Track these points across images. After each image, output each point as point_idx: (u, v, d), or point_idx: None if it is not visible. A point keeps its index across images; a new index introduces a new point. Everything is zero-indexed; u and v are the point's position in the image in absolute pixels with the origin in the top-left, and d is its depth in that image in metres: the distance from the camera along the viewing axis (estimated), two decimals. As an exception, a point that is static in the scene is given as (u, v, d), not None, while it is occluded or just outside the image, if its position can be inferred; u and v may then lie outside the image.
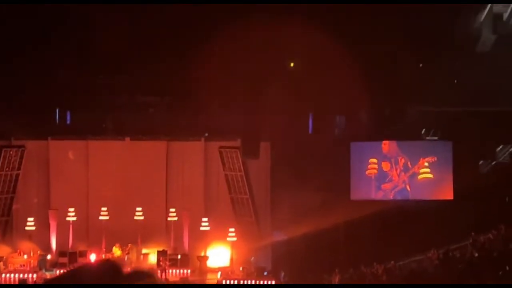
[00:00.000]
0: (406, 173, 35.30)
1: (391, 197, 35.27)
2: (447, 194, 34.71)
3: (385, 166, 35.36)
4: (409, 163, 35.21)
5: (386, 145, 35.28)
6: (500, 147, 35.07)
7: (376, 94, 32.84)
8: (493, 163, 35.10)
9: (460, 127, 33.96)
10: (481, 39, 32.70)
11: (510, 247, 31.24)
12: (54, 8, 30.00)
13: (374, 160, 35.47)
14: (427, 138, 35.35)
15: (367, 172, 35.52)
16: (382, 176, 35.38)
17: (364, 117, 35.78)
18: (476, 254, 31.10)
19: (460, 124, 33.93)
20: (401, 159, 35.23)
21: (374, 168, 35.50)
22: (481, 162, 35.03)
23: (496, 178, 34.13)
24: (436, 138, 35.42)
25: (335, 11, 29.52)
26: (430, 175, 35.10)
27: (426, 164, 35.10)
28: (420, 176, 35.25)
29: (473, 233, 32.18)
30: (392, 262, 32.51)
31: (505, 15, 33.00)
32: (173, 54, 33.13)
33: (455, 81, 33.02)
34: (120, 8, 30.68)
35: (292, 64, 34.00)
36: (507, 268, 28.25)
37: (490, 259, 30.39)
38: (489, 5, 32.79)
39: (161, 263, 32.46)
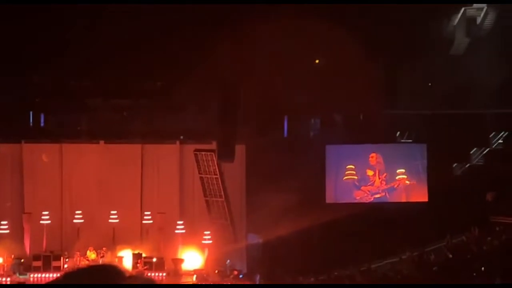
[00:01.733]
0: (387, 184, 35.46)
1: (371, 200, 35.37)
2: (422, 196, 34.92)
3: (369, 172, 35.49)
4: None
5: (374, 158, 35.42)
6: (474, 149, 35.36)
7: (351, 97, 32.95)
8: (467, 165, 35.38)
9: (434, 130, 34.20)
10: (455, 42, 33.00)
11: (484, 249, 31.52)
12: (28, 8, 29.81)
13: (352, 166, 35.55)
14: (402, 140, 35.59)
15: (344, 179, 35.59)
16: (363, 179, 35.47)
17: (339, 120, 35.91)
18: (451, 256, 31.34)
19: (434, 126, 34.17)
20: (384, 173, 35.40)
21: (353, 175, 35.59)
22: (455, 164, 35.29)
23: (470, 180, 34.41)
24: (410, 141, 35.66)
25: (306, 12, 29.55)
26: (408, 182, 35.31)
27: (402, 170, 35.28)
28: (396, 180, 35.43)
29: (447, 235, 32.44)
30: (367, 264, 32.65)
31: (479, 19, 33.35)
32: (148, 56, 33.04)
33: (429, 84, 33.24)
34: (94, 9, 30.57)
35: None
36: (482, 269, 28.49)
37: (464, 260, 30.64)
38: (462, 9, 33.12)
39: (138, 265, 32.30)
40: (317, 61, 34.28)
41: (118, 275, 3.29)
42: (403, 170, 35.16)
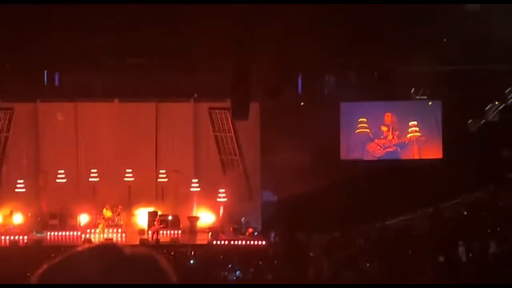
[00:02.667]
0: (399, 139, 35.36)
1: (382, 153, 35.29)
2: (436, 153, 34.79)
3: (383, 128, 35.42)
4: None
5: (389, 117, 35.33)
6: (489, 105, 35.09)
7: (365, 54, 32.71)
8: (482, 121, 35.14)
9: (449, 86, 33.94)
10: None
11: (499, 205, 31.45)
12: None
13: (364, 119, 35.49)
14: (416, 97, 35.37)
15: (356, 132, 35.54)
16: (376, 133, 35.42)
17: (353, 77, 35.69)
18: (465, 213, 31.31)
19: (449, 82, 33.90)
20: (397, 130, 35.31)
21: (365, 128, 35.53)
22: (470, 120, 35.06)
23: (485, 137, 34.21)
24: (425, 97, 35.43)
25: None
26: (419, 135, 35.19)
27: (414, 123, 35.17)
28: (408, 136, 35.33)
29: (462, 192, 32.37)
30: (381, 221, 32.69)
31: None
32: (162, 15, 32.88)
33: (444, 40, 32.89)
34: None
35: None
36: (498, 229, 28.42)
37: (479, 217, 30.59)
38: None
39: (155, 223, 32.50)
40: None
41: (116, 255, 3.15)
42: (415, 123, 35.05)
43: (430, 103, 35.17)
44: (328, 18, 31.99)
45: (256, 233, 33.47)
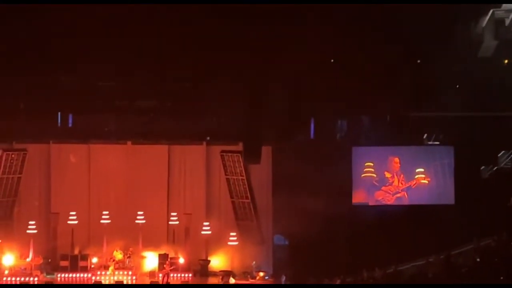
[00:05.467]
0: (406, 183, 35.38)
1: (392, 201, 35.27)
2: (449, 199, 34.76)
3: (387, 174, 35.47)
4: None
5: (397, 163, 35.39)
6: (502, 152, 35.13)
7: (378, 99, 32.86)
8: (495, 168, 35.15)
9: (462, 132, 34.02)
10: (483, 44, 32.78)
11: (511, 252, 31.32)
12: (56, 8, 29.90)
13: (370, 164, 35.52)
14: (429, 143, 35.44)
15: (362, 176, 35.51)
16: (382, 180, 35.46)
17: (366, 122, 35.80)
18: (478, 259, 31.15)
19: (462, 129, 33.99)
20: (402, 174, 35.38)
21: (371, 172, 35.55)
22: (482, 167, 35.08)
23: (498, 183, 34.19)
24: (438, 143, 35.49)
25: (339, 12, 29.51)
26: (425, 181, 35.23)
27: (421, 170, 35.22)
28: (414, 181, 35.33)
29: (475, 238, 32.25)
30: (393, 267, 32.52)
31: (507, 21, 33.10)
32: (174, 58, 33.13)
33: (457, 86, 33.07)
34: (121, 9, 30.66)
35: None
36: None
37: (492, 264, 30.44)
38: (491, 11, 32.88)
39: (165, 266, 32.39)
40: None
41: None
42: (422, 170, 35.12)
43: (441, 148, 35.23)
44: (341, 63, 32.28)
45: (267, 277, 33.35)
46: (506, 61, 32.63)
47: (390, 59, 30.74)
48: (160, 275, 32.56)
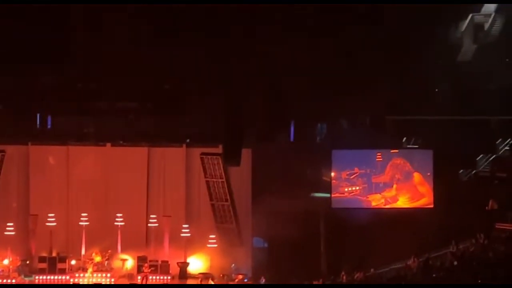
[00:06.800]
0: (388, 188, 35.43)
1: (371, 204, 35.31)
2: (428, 202, 34.86)
3: (374, 179, 35.48)
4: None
5: (378, 164, 35.41)
6: (480, 156, 35.29)
7: (358, 102, 32.97)
8: (473, 172, 35.32)
9: (440, 136, 34.15)
10: (462, 48, 33.00)
11: (490, 256, 31.42)
12: (39, 8, 29.80)
13: (352, 168, 35.51)
14: (408, 146, 35.56)
15: (341, 179, 35.49)
16: (367, 185, 35.44)
17: (345, 125, 35.89)
18: (456, 263, 31.24)
19: (440, 132, 34.12)
20: (386, 178, 35.35)
21: (351, 175, 35.54)
22: (461, 170, 35.23)
23: (476, 187, 34.33)
24: (416, 146, 35.61)
25: (320, 15, 29.61)
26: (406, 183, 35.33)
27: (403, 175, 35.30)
28: (394, 186, 35.40)
29: (453, 242, 32.36)
30: (372, 269, 32.60)
31: (486, 25, 33.35)
32: (154, 60, 33.12)
33: (436, 90, 33.22)
34: (101, 9, 30.63)
35: None
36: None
37: (470, 267, 30.54)
38: (470, 15, 33.13)
39: (143, 269, 32.32)
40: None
41: None
42: (403, 175, 35.18)
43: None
44: (322, 65, 32.35)
45: (246, 280, 33.32)
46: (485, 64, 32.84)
47: (369, 63, 30.82)
48: (139, 277, 32.50)
